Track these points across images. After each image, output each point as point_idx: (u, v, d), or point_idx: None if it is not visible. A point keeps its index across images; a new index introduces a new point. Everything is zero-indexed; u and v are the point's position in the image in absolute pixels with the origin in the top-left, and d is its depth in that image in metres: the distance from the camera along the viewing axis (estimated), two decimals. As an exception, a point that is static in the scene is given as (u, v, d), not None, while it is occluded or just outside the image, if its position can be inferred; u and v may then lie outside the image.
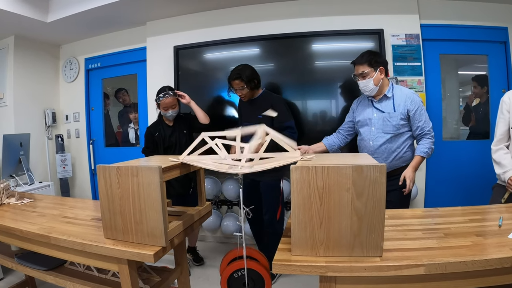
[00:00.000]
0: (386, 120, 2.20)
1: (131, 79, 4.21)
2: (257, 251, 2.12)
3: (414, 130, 2.20)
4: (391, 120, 2.19)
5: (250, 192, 2.74)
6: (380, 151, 2.23)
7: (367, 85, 2.20)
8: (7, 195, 2.21)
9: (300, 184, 1.15)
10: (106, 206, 1.43)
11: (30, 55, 4.14)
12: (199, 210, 1.80)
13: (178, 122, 2.84)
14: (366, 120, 2.30)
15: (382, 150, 2.22)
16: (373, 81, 2.18)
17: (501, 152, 2.03)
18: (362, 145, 2.35)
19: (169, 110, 2.74)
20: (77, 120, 4.45)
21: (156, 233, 1.36)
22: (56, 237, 1.51)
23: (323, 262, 1.13)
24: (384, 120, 2.21)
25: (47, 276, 1.74)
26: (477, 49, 3.26)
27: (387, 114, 2.20)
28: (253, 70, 2.65)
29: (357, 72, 2.23)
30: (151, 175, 1.31)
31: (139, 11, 3.52)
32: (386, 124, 2.20)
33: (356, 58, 2.26)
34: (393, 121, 2.19)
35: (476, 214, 1.57)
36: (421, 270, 1.08)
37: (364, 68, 2.19)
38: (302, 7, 3.32)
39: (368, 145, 2.27)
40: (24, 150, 3.40)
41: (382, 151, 2.22)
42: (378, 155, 2.22)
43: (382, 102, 2.25)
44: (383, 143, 2.21)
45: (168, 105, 2.72)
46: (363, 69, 2.19)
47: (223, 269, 2.00)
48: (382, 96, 2.25)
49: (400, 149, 2.21)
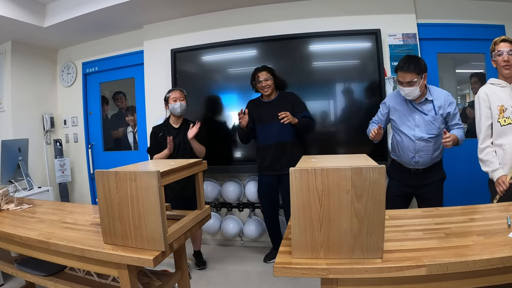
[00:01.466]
0: (430, 123, 2.28)
1: (128, 83, 4.21)
2: None
3: (451, 125, 2.32)
4: (435, 122, 2.27)
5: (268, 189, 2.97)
6: (425, 149, 2.31)
7: (413, 92, 2.22)
8: (6, 201, 2.20)
9: (299, 187, 1.14)
10: (105, 211, 1.42)
11: (28, 60, 4.13)
12: (198, 214, 1.79)
13: (185, 126, 2.85)
14: (406, 122, 2.35)
15: (427, 148, 2.30)
16: (419, 88, 2.21)
17: (489, 150, 2.07)
18: (404, 145, 2.37)
19: (178, 101, 2.76)
20: (75, 124, 4.44)
21: (155, 238, 1.35)
22: (56, 242, 1.50)
23: (324, 265, 1.13)
24: (428, 122, 2.28)
25: (47, 281, 1.73)
26: (474, 48, 3.26)
27: (431, 117, 2.28)
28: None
29: (403, 79, 2.21)
30: (149, 179, 1.31)
31: (136, 15, 3.52)
32: (431, 127, 2.28)
33: (402, 65, 2.21)
34: (436, 123, 2.27)
35: (476, 213, 1.57)
36: (422, 270, 1.08)
37: (413, 77, 2.18)
38: (298, 9, 3.32)
39: (413, 145, 2.32)
40: (22, 155, 3.39)
41: (427, 149, 2.31)
42: (424, 154, 2.31)
43: (422, 104, 2.30)
44: (428, 143, 2.29)
45: (177, 96, 2.77)
46: (411, 78, 2.18)
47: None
48: (423, 100, 2.30)
49: (441, 145, 2.28)
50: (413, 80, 2.18)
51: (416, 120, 2.31)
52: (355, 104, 3.19)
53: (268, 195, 2.99)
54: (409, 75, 2.17)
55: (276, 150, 2.81)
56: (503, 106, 2.01)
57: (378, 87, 3.09)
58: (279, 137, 2.79)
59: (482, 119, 2.09)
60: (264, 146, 2.87)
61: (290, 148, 2.80)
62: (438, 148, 2.33)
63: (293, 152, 2.76)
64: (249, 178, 3.44)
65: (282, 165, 2.79)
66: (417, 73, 2.17)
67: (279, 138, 2.80)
